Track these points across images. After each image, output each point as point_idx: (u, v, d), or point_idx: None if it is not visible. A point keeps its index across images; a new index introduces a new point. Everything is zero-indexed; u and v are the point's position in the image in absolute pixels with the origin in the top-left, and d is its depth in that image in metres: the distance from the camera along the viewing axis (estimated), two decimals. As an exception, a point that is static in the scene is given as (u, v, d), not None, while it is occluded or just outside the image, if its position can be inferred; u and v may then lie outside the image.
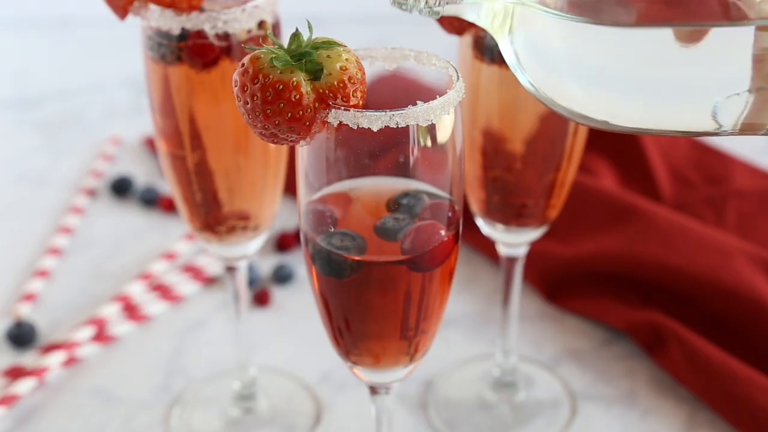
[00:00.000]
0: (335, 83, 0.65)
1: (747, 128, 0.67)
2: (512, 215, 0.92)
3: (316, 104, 0.65)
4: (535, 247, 1.11)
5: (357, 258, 0.71)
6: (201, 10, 0.82)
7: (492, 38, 0.76)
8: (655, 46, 0.66)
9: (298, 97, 0.65)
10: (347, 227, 0.73)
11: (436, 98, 0.67)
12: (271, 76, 0.64)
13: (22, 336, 1.08)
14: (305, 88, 0.65)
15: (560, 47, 0.68)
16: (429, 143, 0.69)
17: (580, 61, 0.68)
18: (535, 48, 0.69)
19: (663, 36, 0.65)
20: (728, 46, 0.65)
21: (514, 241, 0.95)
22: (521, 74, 0.70)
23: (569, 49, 0.68)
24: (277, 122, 0.65)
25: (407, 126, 0.67)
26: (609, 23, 0.66)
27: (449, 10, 0.70)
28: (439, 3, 0.69)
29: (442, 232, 0.72)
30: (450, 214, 0.73)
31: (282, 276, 1.18)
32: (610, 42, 0.67)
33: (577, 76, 0.68)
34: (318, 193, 0.72)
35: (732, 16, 0.65)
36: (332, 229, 0.72)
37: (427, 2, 0.69)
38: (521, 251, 0.97)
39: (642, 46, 0.66)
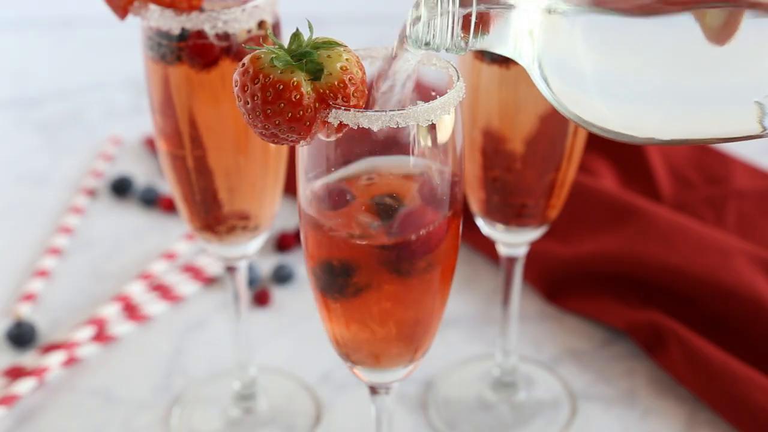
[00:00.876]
0: (335, 83, 0.65)
1: None
2: (512, 215, 0.92)
3: (317, 104, 0.65)
4: (535, 247, 1.11)
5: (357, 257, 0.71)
6: (201, 10, 0.82)
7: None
8: (684, 47, 0.64)
9: (298, 97, 0.65)
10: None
11: (436, 98, 0.67)
12: (271, 76, 0.64)
13: (22, 336, 1.08)
14: (305, 88, 0.65)
15: (587, 57, 0.65)
16: (429, 143, 0.69)
17: (607, 71, 0.65)
18: (562, 66, 0.67)
19: (691, 35, 0.63)
20: (759, 43, 0.63)
21: (514, 241, 0.95)
22: (553, 98, 0.68)
23: (597, 57, 0.65)
24: (277, 122, 0.65)
25: (407, 126, 0.67)
26: (631, 12, 0.64)
27: (476, 46, 0.69)
28: (465, 42, 0.68)
29: (443, 233, 0.72)
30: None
31: (282, 276, 1.18)
32: (637, 43, 0.65)
33: (607, 91, 0.65)
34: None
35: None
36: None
37: (452, 41, 0.68)
38: (521, 251, 0.97)
39: (670, 46, 0.64)
